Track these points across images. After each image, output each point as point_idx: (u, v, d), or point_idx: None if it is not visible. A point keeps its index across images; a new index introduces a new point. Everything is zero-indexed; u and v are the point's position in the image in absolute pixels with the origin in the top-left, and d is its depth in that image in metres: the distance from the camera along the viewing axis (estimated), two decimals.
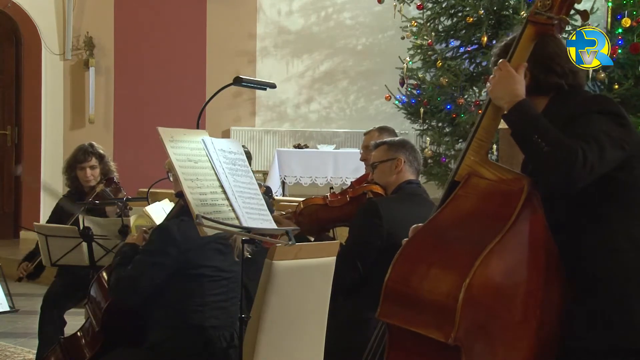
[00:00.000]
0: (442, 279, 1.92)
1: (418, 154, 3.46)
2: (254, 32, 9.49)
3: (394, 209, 3.20)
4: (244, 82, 3.64)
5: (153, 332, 2.93)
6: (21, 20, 9.20)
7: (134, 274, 2.87)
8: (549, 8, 2.12)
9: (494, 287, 1.93)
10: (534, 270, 2.01)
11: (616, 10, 6.62)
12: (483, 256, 1.88)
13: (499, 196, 2.05)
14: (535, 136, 1.99)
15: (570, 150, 1.94)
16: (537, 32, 2.16)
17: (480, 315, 1.89)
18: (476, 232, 1.99)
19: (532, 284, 2.00)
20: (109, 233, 3.83)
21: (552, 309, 2.05)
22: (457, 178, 2.15)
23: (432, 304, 1.91)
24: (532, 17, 2.15)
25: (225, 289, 2.96)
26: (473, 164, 2.13)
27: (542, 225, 2.05)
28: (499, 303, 1.94)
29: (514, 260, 1.98)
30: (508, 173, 2.10)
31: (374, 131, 4.47)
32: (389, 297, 2.01)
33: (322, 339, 2.99)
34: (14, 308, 3.56)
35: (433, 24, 7.54)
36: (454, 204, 2.09)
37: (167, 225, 2.90)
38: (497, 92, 2.13)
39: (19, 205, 9.29)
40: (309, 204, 3.49)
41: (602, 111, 2.07)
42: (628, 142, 2.05)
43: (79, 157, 4.44)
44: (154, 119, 6.82)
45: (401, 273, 2.00)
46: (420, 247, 2.05)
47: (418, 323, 1.93)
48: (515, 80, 2.11)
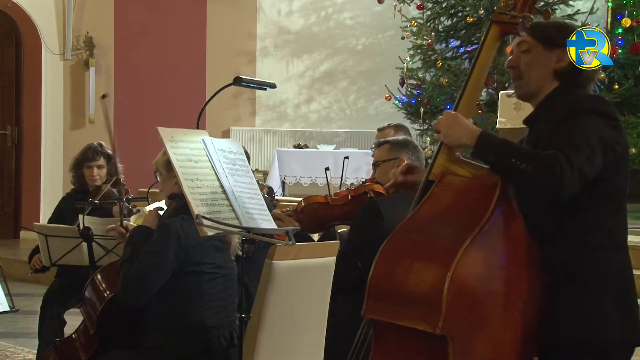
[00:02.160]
0: (426, 271, 1.96)
1: (421, 153, 3.45)
2: (254, 32, 9.50)
3: (395, 208, 3.19)
4: (244, 82, 3.64)
5: (152, 334, 2.91)
6: (21, 20, 9.20)
7: (140, 274, 2.84)
8: (512, 7, 2.16)
9: (476, 277, 1.98)
10: (514, 262, 2.06)
11: (616, 10, 6.63)
12: (464, 247, 1.93)
13: (474, 191, 2.11)
14: (513, 159, 2.02)
15: (552, 161, 1.96)
16: (502, 32, 2.21)
17: (465, 306, 1.94)
18: (455, 226, 2.04)
19: (513, 275, 2.05)
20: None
21: (534, 303, 2.10)
22: (431, 177, 2.20)
23: (417, 297, 1.95)
24: (496, 17, 2.20)
25: (223, 286, 2.95)
26: (446, 162, 2.18)
27: (518, 219, 2.10)
28: (482, 293, 1.99)
29: (493, 251, 2.03)
30: (481, 170, 2.13)
31: (390, 128, 4.46)
32: (373, 293, 2.04)
33: (322, 339, 2.99)
34: (14, 308, 3.56)
35: (433, 24, 7.55)
36: (431, 201, 2.13)
37: (170, 222, 2.88)
38: (453, 135, 2.15)
39: (19, 205, 9.29)
40: (310, 202, 3.48)
41: (596, 112, 2.09)
42: (618, 143, 2.08)
43: (88, 155, 4.45)
44: (154, 119, 6.82)
45: (384, 269, 2.04)
46: (402, 243, 2.08)
47: (404, 316, 1.97)
48: (462, 119, 2.15)
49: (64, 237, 3.89)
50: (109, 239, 3.78)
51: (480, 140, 2.10)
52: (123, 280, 2.89)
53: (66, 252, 3.90)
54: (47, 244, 3.92)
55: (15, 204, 9.30)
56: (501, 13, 2.19)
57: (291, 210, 3.50)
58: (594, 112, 2.09)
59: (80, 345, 3.17)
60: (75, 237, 3.84)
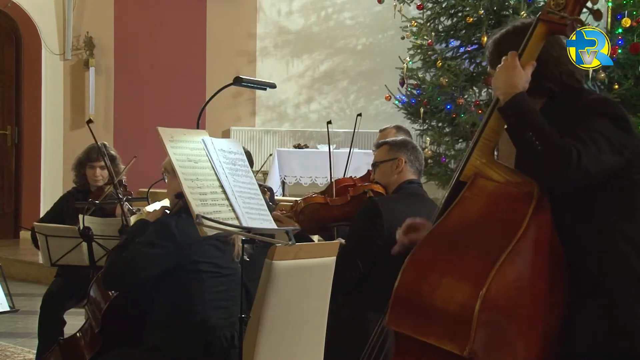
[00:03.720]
0: (456, 288, 1.87)
1: (420, 153, 3.46)
2: (254, 32, 9.50)
3: (395, 208, 3.19)
4: (244, 82, 3.65)
5: (153, 333, 2.92)
6: (21, 20, 9.20)
7: (126, 262, 2.87)
8: (563, 7, 2.08)
9: (507, 296, 1.88)
10: (542, 276, 1.97)
11: (616, 10, 6.62)
12: (498, 265, 1.84)
13: (508, 200, 2.01)
14: (530, 133, 1.96)
15: (563, 151, 1.91)
16: (549, 31, 2.11)
17: (494, 325, 1.86)
18: (487, 239, 1.94)
19: (539, 289, 1.96)
20: (109, 233, 3.83)
21: (557, 313, 2.02)
22: (462, 178, 2.10)
23: (446, 314, 1.86)
24: (544, 16, 2.10)
25: (225, 287, 2.96)
26: (480, 164, 2.08)
27: (550, 228, 2.01)
28: (511, 312, 1.90)
29: (524, 268, 1.93)
30: (516, 176, 2.05)
31: (391, 129, 4.47)
32: (399, 304, 1.96)
33: (322, 339, 2.99)
34: (14, 308, 3.56)
35: (433, 24, 7.54)
36: (461, 207, 2.03)
37: (166, 220, 2.90)
38: (497, 81, 2.10)
39: (19, 205, 9.29)
40: (309, 203, 3.49)
41: (604, 114, 2.04)
42: (627, 146, 2.02)
43: (91, 156, 4.44)
44: (154, 119, 6.83)
45: (412, 280, 1.95)
46: (431, 253, 2.00)
47: (430, 333, 1.88)
48: (516, 72, 2.06)
49: (64, 237, 3.89)
50: (109, 239, 3.78)
51: (512, 98, 2.03)
52: (108, 266, 2.94)
53: (66, 252, 3.90)
54: (47, 244, 3.92)
55: (15, 204, 9.30)
56: (550, 12, 2.09)
57: (291, 211, 3.50)
58: (602, 115, 2.04)
59: (84, 344, 3.18)
60: (75, 237, 3.84)
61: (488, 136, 2.12)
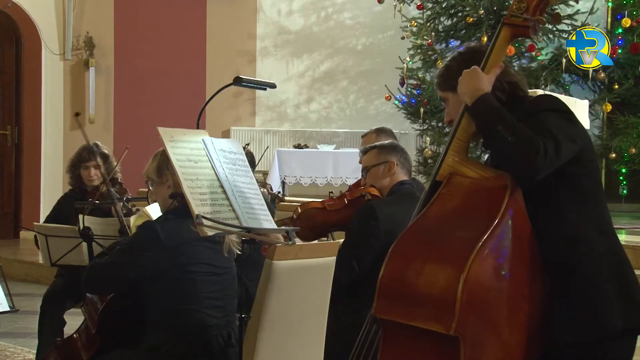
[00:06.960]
0: (439, 273, 1.97)
1: (408, 154, 3.52)
2: (254, 32, 9.50)
3: (391, 209, 3.21)
4: (244, 82, 3.65)
5: (150, 334, 2.92)
6: (21, 20, 9.21)
7: (107, 265, 2.87)
8: (525, 10, 2.19)
9: (488, 278, 1.99)
10: (520, 263, 2.07)
11: (616, 10, 6.63)
12: (477, 249, 1.94)
13: (484, 193, 2.11)
14: (500, 127, 2.06)
15: (533, 141, 2.01)
16: (513, 34, 2.25)
17: (477, 307, 1.95)
18: (466, 228, 2.05)
19: (519, 276, 2.06)
20: (109, 233, 3.83)
21: (537, 303, 2.11)
22: (439, 178, 2.21)
23: (431, 298, 1.95)
24: (507, 20, 2.22)
25: (219, 286, 2.95)
26: (454, 163, 2.20)
27: (525, 220, 2.11)
28: (493, 294, 2.00)
29: (504, 253, 2.04)
30: (490, 171, 2.15)
31: (371, 133, 4.45)
32: (384, 293, 2.05)
33: (322, 339, 2.99)
34: (14, 308, 3.56)
35: (433, 24, 7.55)
36: (439, 202, 2.14)
37: (151, 225, 2.88)
38: (462, 87, 2.20)
39: (19, 205, 9.29)
40: (306, 208, 3.50)
41: (551, 109, 2.15)
42: (579, 136, 2.14)
43: (83, 156, 4.44)
44: (154, 119, 6.82)
45: (396, 269, 2.05)
46: (412, 244, 2.09)
47: (416, 317, 1.98)
48: (478, 76, 2.18)
49: (64, 237, 3.89)
50: (109, 239, 3.78)
51: (479, 99, 2.13)
52: (89, 269, 2.94)
53: (66, 252, 3.90)
54: (47, 244, 3.92)
55: (15, 204, 9.31)
56: (513, 16, 2.21)
57: (286, 218, 3.52)
58: (549, 110, 2.14)
59: (81, 345, 3.17)
60: (75, 237, 3.84)
61: (461, 136, 2.24)
